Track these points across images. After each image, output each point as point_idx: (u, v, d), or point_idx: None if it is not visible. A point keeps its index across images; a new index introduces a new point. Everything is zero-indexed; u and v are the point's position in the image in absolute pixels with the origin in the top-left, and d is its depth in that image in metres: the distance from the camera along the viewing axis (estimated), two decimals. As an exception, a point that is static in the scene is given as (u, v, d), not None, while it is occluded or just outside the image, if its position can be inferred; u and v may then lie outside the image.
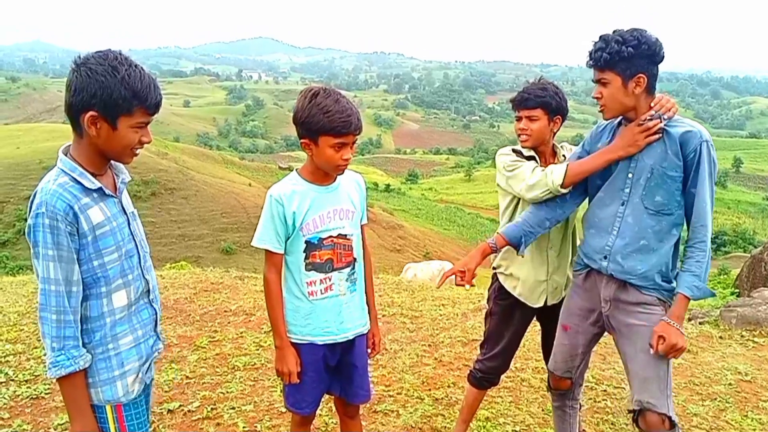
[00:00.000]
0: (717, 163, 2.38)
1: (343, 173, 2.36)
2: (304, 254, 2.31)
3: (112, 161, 1.88)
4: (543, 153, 2.87)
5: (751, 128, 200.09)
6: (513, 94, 2.90)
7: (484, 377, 3.08)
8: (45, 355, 1.75)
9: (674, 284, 2.43)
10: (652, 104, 2.39)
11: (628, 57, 2.29)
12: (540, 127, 2.77)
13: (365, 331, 2.50)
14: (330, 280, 2.34)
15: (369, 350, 2.56)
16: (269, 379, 3.95)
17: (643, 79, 2.33)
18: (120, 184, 1.90)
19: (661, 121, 2.36)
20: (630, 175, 2.44)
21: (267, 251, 2.31)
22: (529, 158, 2.81)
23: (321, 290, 2.34)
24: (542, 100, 2.74)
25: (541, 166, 2.79)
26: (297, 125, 2.26)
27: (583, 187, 2.65)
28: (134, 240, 1.91)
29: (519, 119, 2.83)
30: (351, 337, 2.42)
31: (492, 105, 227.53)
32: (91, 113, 1.69)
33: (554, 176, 2.55)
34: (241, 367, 4.11)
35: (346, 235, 2.36)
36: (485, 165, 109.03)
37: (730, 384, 4.16)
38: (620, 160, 2.46)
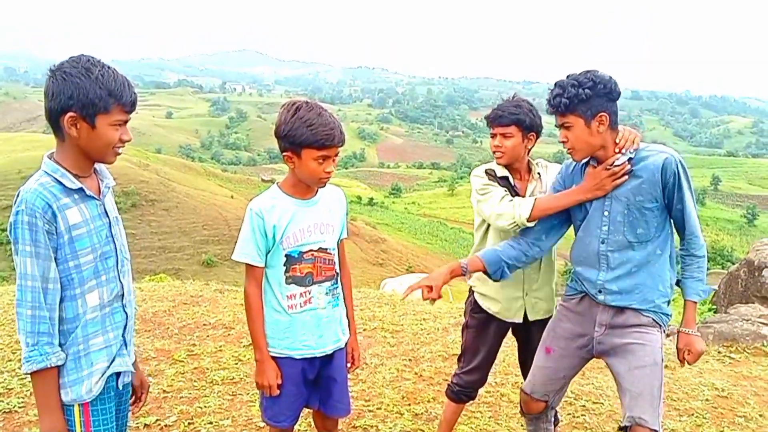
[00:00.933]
0: (690, 174, 2.48)
1: (324, 186, 2.37)
2: (284, 267, 2.31)
3: (96, 166, 1.91)
4: (518, 170, 2.88)
5: (728, 146, 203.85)
6: (493, 111, 2.92)
7: (462, 391, 3.08)
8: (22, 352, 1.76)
9: (669, 308, 2.53)
10: (617, 140, 2.45)
11: (586, 98, 2.35)
12: (514, 145, 2.78)
13: (344, 345, 2.49)
14: (309, 293, 2.34)
15: (348, 364, 2.55)
16: (248, 394, 3.91)
17: (605, 117, 2.39)
18: (104, 188, 1.92)
19: (629, 164, 2.42)
20: (606, 213, 2.50)
21: (247, 265, 2.31)
22: (503, 178, 2.82)
23: (300, 303, 2.33)
24: (516, 117, 2.75)
25: (516, 182, 2.84)
26: (279, 138, 2.26)
27: (559, 225, 2.69)
28: (114, 243, 1.92)
29: (494, 136, 2.83)
30: (330, 351, 2.42)
31: (475, 121, 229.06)
32: (70, 114, 1.73)
33: (521, 210, 2.59)
34: (220, 382, 4.07)
35: (327, 249, 2.36)
36: (468, 180, 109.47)
37: (707, 400, 4.20)
38: (588, 201, 2.52)
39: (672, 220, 2.50)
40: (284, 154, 2.27)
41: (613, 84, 2.39)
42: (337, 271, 2.42)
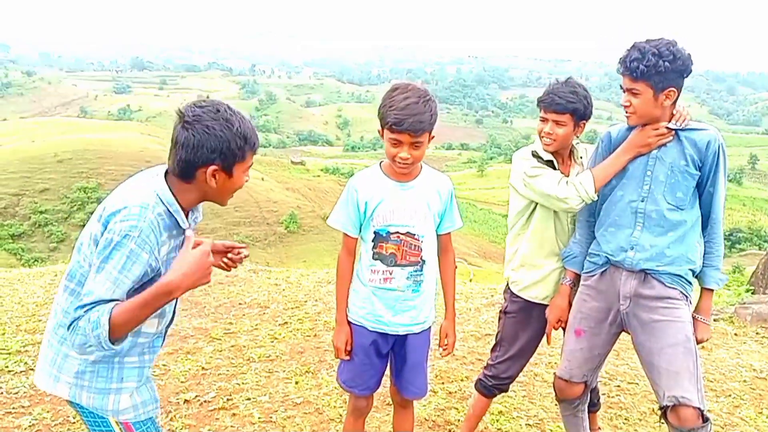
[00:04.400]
0: (728, 162, 2.51)
1: (406, 172, 2.37)
2: (372, 243, 2.41)
3: None
4: (561, 155, 2.81)
5: (767, 124, 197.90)
6: (526, 90, 2.93)
7: (496, 385, 2.98)
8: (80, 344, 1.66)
9: (694, 278, 2.53)
10: (674, 113, 2.46)
11: (663, 71, 2.33)
12: (566, 133, 2.68)
13: (418, 331, 2.51)
14: (391, 273, 2.41)
15: (441, 349, 2.61)
16: (284, 371, 3.98)
17: (673, 92, 2.39)
18: (191, 221, 1.92)
19: (673, 131, 2.45)
20: (649, 173, 2.50)
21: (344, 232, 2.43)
22: (548, 162, 2.75)
23: (380, 279, 2.42)
24: (573, 106, 2.64)
25: (560, 167, 2.77)
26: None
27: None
28: None
29: (544, 120, 2.71)
30: (402, 333, 2.48)
31: (505, 100, 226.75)
32: (213, 168, 1.76)
33: (586, 186, 2.56)
34: (256, 359, 4.15)
35: (414, 235, 2.40)
36: (498, 161, 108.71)
37: (745, 381, 4.15)
38: (635, 158, 2.52)
39: (700, 204, 2.51)
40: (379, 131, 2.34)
41: (690, 62, 2.38)
42: (424, 258, 2.43)
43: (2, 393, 3.55)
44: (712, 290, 2.56)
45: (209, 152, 1.72)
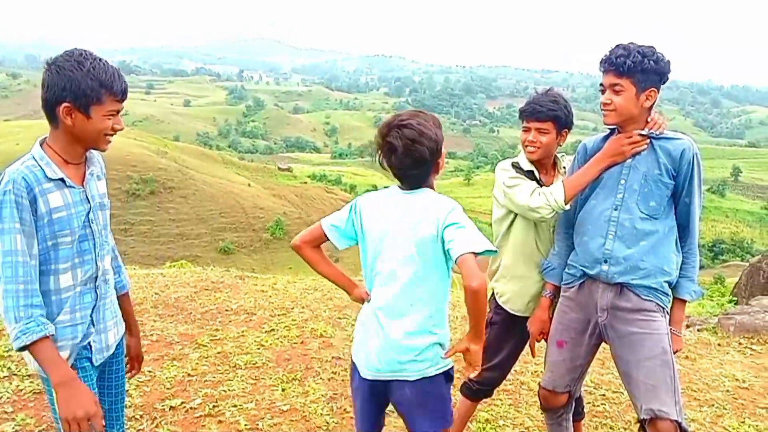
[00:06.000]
0: (703, 173, 2.52)
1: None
2: None
3: (88, 154, 2.03)
4: (544, 165, 2.85)
5: (750, 137, 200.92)
6: (514, 100, 2.96)
7: (480, 389, 3.03)
8: (9, 331, 1.80)
9: (670, 290, 2.53)
10: (649, 119, 2.47)
11: (647, 70, 2.36)
12: (549, 141, 2.73)
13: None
14: None
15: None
16: (270, 378, 3.97)
17: (654, 93, 2.41)
18: (88, 175, 2.02)
19: (648, 138, 2.46)
20: (623, 181, 2.51)
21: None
22: (528, 172, 2.79)
23: None
24: (554, 114, 2.70)
25: (541, 177, 2.81)
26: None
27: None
28: (91, 227, 2.00)
29: (527, 130, 2.77)
30: None
31: (492, 110, 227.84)
32: (65, 105, 1.86)
33: (556, 196, 2.58)
34: (243, 366, 4.13)
35: None
36: (485, 170, 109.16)
37: (727, 391, 4.19)
38: (609, 167, 2.54)
39: (675, 214, 2.52)
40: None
41: (669, 68, 2.42)
42: None
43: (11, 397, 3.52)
44: (685, 301, 2.57)
45: (60, 90, 1.84)
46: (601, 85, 2.48)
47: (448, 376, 2.22)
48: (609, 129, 2.61)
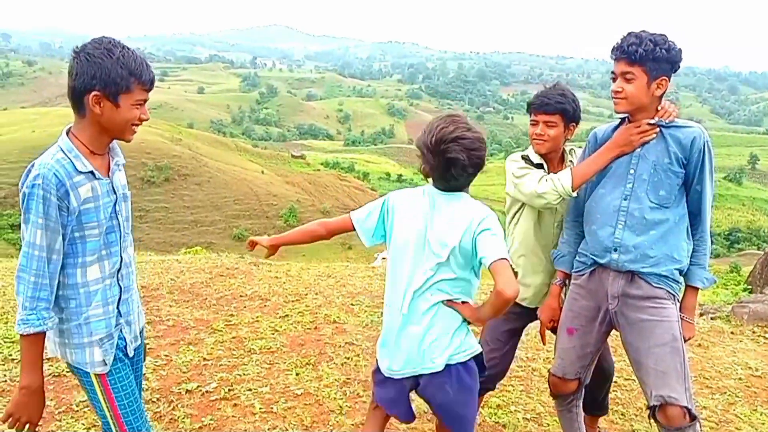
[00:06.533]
0: (714, 160, 2.51)
1: None
2: None
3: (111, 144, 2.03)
4: (552, 159, 2.86)
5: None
6: (528, 87, 2.96)
7: (482, 386, 3.06)
8: (17, 313, 1.86)
9: (681, 277, 2.54)
10: (659, 107, 2.47)
11: (659, 58, 2.35)
12: (557, 134, 2.75)
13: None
14: None
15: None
16: (285, 363, 4.02)
17: (665, 82, 2.40)
18: (114, 166, 2.03)
19: (657, 127, 2.45)
20: (632, 171, 2.51)
21: None
22: (538, 165, 2.81)
23: None
24: (562, 107, 2.72)
25: (550, 171, 2.81)
26: None
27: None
28: (117, 219, 2.02)
29: (535, 123, 2.79)
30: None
31: (506, 97, 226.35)
32: (94, 93, 1.84)
33: (563, 182, 2.59)
34: (257, 351, 4.19)
35: None
36: (498, 157, 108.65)
37: (740, 379, 4.19)
38: (618, 157, 2.54)
39: (687, 202, 2.51)
40: None
41: (681, 57, 2.41)
42: None
43: (6, 381, 3.60)
44: (697, 288, 2.56)
45: (90, 78, 1.82)
46: (613, 73, 2.47)
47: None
48: (620, 118, 2.61)
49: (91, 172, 1.91)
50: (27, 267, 1.82)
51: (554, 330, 2.86)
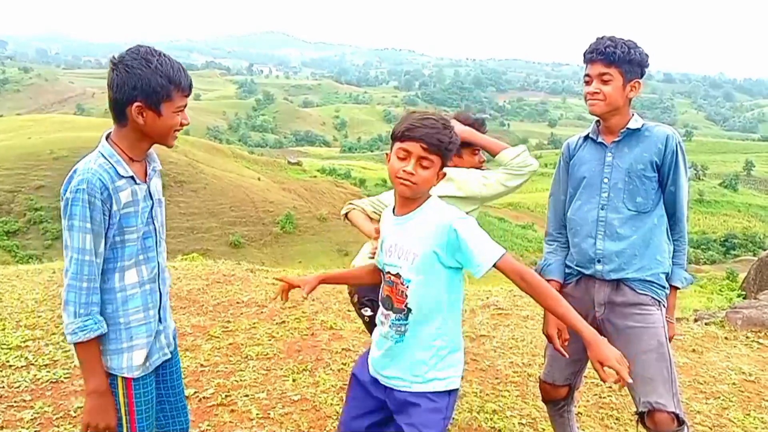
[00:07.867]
0: (687, 159, 2.55)
1: (406, 192, 1.98)
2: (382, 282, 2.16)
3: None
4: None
5: (763, 131, 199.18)
6: (524, 93, 3.03)
7: None
8: (66, 323, 1.85)
9: (666, 282, 2.57)
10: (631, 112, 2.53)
11: (633, 61, 2.42)
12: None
13: (400, 389, 2.06)
14: (386, 318, 2.10)
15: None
16: (281, 369, 4.04)
17: (638, 85, 2.46)
18: (151, 171, 2.04)
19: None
20: (606, 180, 2.54)
21: None
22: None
23: (381, 321, 2.15)
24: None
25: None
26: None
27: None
28: (153, 224, 2.04)
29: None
30: (384, 384, 2.13)
31: (502, 103, 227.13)
32: (136, 104, 1.85)
33: (528, 159, 2.92)
34: (254, 357, 4.20)
35: (401, 278, 2.03)
36: (494, 163, 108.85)
37: (734, 383, 4.22)
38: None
39: (664, 203, 2.55)
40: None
41: (648, 62, 2.48)
42: (409, 306, 2.01)
43: (3, 387, 3.60)
44: (677, 288, 2.59)
45: (131, 89, 1.83)
46: (587, 75, 2.49)
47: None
48: (593, 125, 2.62)
49: (132, 177, 1.93)
50: (78, 273, 1.82)
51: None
